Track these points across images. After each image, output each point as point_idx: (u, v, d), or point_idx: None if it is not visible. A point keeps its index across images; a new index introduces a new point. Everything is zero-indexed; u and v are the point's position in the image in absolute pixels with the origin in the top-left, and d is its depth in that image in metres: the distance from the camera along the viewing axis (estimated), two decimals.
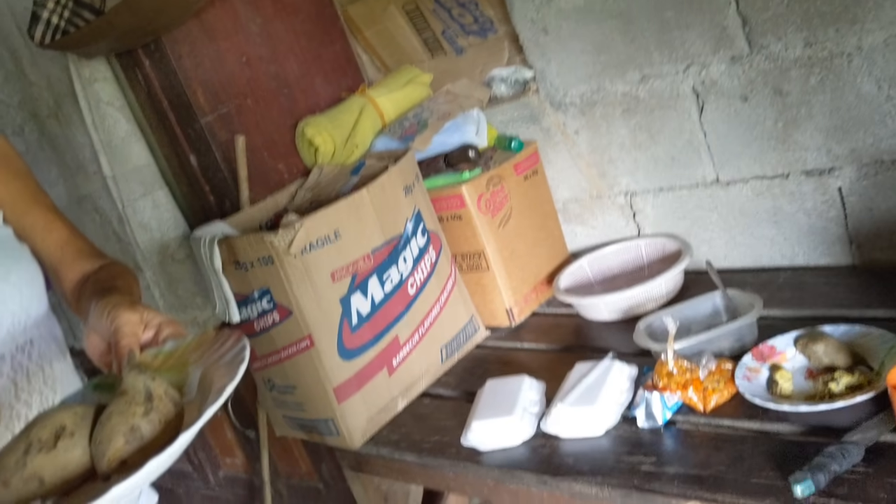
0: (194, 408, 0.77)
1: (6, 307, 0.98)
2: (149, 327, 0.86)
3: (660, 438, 1.42)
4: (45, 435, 0.76)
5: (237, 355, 0.78)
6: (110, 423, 0.75)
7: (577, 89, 1.94)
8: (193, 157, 1.93)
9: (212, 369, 0.81)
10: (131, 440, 0.74)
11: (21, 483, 0.74)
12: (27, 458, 0.75)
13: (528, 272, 2.04)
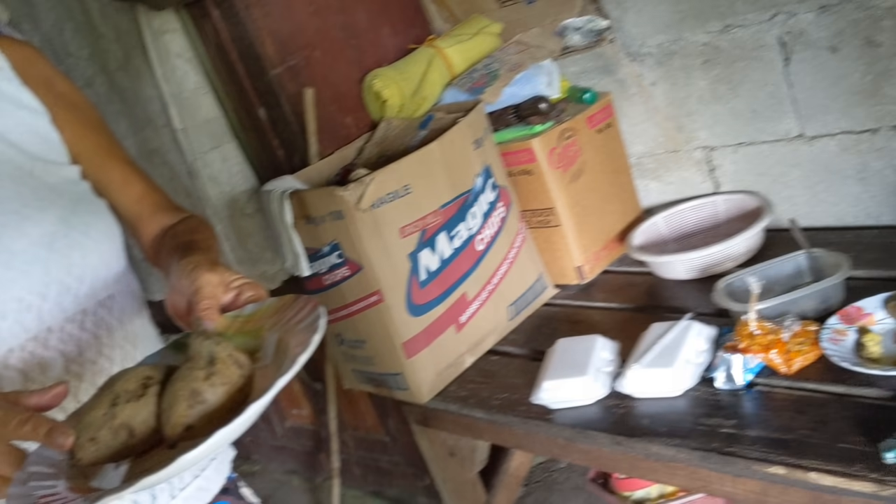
0: (268, 374, 0.76)
1: (87, 262, 0.98)
2: (229, 289, 0.84)
3: (740, 401, 1.37)
4: (132, 385, 0.76)
5: (312, 323, 0.76)
6: (173, 388, 0.74)
7: (655, 39, 1.86)
8: (262, 111, 1.91)
9: (287, 336, 0.79)
10: (194, 405, 0.72)
11: (110, 435, 0.73)
12: (115, 410, 0.74)
13: (599, 229, 1.99)
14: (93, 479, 0.73)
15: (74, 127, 1.06)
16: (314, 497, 2.67)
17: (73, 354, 0.96)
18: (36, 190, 0.97)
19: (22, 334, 0.92)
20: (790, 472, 1.20)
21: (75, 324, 0.97)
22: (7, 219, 0.93)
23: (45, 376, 0.94)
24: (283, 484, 2.82)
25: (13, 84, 1.03)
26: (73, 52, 2.22)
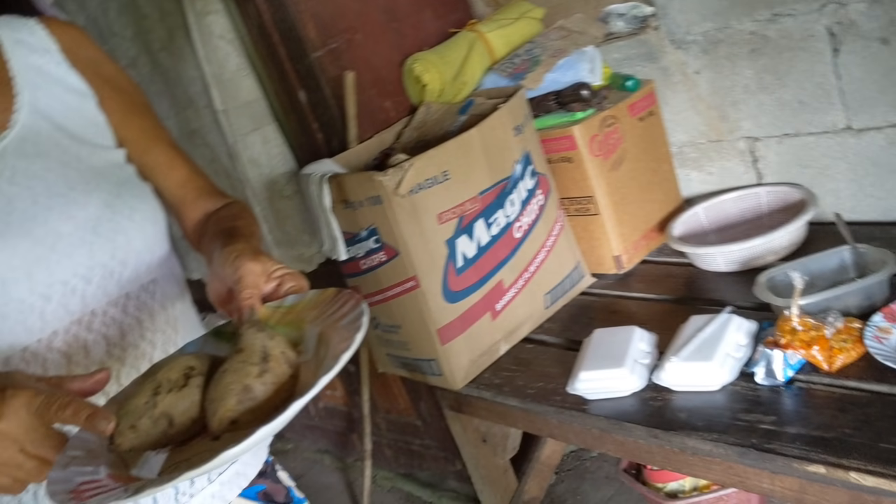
0: (309, 369, 0.75)
1: (131, 246, 0.99)
2: (271, 279, 0.84)
3: (780, 397, 1.36)
4: (174, 375, 0.77)
5: (356, 320, 0.76)
6: (224, 381, 0.74)
7: (701, 27, 1.83)
8: (303, 93, 1.91)
9: (329, 330, 0.79)
10: (244, 400, 0.72)
11: (150, 424, 0.74)
12: (156, 399, 0.75)
13: (638, 218, 1.97)
14: (133, 467, 0.74)
15: (121, 110, 1.07)
16: (345, 476, 2.69)
17: (115, 338, 0.98)
18: (82, 173, 0.98)
19: (66, 317, 0.93)
20: (830, 471, 1.18)
21: (118, 307, 0.98)
22: (54, 202, 0.94)
23: (88, 359, 0.95)
24: (315, 463, 2.84)
25: (61, 67, 1.04)
26: (117, 31, 2.24)
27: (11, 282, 0.89)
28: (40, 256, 0.91)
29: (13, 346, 0.90)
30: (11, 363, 0.91)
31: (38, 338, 0.92)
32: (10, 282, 0.89)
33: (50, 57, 1.04)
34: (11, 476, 0.70)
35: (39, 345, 0.92)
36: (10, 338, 0.90)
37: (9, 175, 0.93)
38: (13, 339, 0.90)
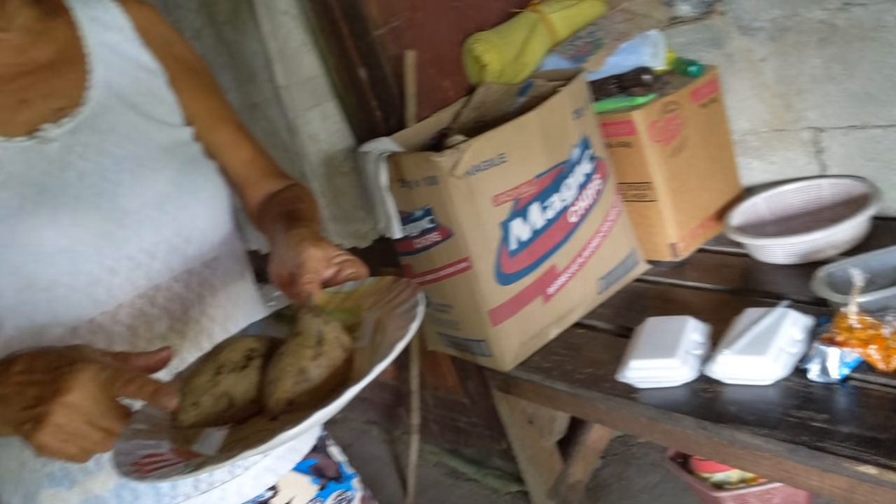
0: (365, 355, 0.77)
1: (195, 224, 1.01)
2: (331, 265, 0.86)
3: (833, 395, 1.34)
4: (236, 357, 0.79)
5: (411, 310, 0.78)
6: (281, 364, 0.76)
7: (769, 13, 1.79)
8: (363, 71, 1.92)
9: (385, 318, 0.81)
10: (300, 381, 0.75)
11: (212, 402, 0.77)
12: (218, 378, 0.78)
13: (696, 206, 1.94)
14: (194, 443, 0.77)
15: (190, 89, 1.09)
16: (391, 448, 2.73)
17: (177, 313, 1.00)
18: (151, 151, 1.01)
19: (131, 291, 0.96)
20: (882, 472, 1.17)
21: (181, 283, 1.00)
22: (122, 178, 0.97)
23: (150, 332, 0.98)
24: (362, 433, 2.89)
25: (134, 45, 1.06)
26: (182, 3, 2.28)
27: (81, 255, 0.92)
28: (108, 231, 0.94)
29: (81, 316, 0.94)
30: (78, 333, 0.94)
31: (104, 310, 0.95)
32: (80, 255, 0.92)
33: (123, 35, 1.06)
34: (79, 446, 0.73)
35: (105, 317, 0.95)
36: (79, 309, 0.93)
37: (80, 150, 0.96)
38: (81, 310, 0.94)
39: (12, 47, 0.98)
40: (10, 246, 0.89)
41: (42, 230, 0.90)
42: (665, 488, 2.08)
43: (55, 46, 1.02)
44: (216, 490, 1.04)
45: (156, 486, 1.00)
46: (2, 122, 0.94)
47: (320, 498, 1.16)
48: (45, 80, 0.99)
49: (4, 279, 0.90)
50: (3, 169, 0.92)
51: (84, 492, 0.99)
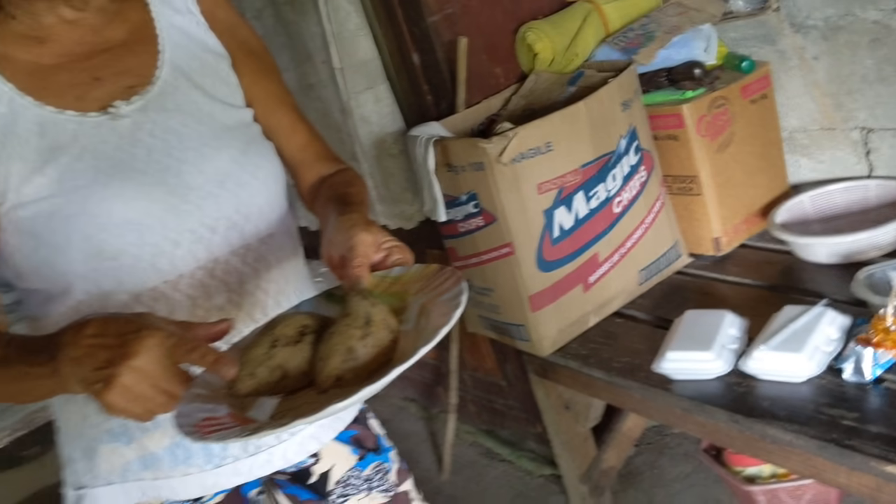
0: (409, 338, 0.82)
1: (253, 201, 1.06)
2: (380, 249, 0.91)
3: (866, 395, 1.35)
4: (290, 332, 0.85)
5: (455, 297, 0.82)
6: (331, 342, 0.81)
7: (823, 12, 1.78)
8: (416, 56, 1.96)
9: (430, 304, 0.85)
10: (347, 360, 0.80)
11: (267, 373, 0.83)
12: (273, 351, 0.83)
13: (741, 201, 1.95)
14: (248, 410, 0.82)
15: (252, 73, 1.14)
16: (428, 426, 2.79)
17: (234, 285, 1.06)
18: (214, 130, 1.06)
19: (192, 263, 1.02)
20: None
21: (239, 257, 1.06)
22: (187, 155, 1.02)
23: (209, 302, 1.03)
24: (401, 409, 2.95)
25: (201, 28, 1.11)
26: None
27: (147, 227, 0.98)
28: (173, 205, 0.99)
29: (145, 284, 1.00)
30: (141, 300, 1.00)
31: (167, 279, 1.01)
32: (146, 227, 0.98)
33: (191, 18, 1.11)
34: (144, 407, 0.79)
35: (167, 286, 1.01)
36: (143, 277, 0.99)
37: (149, 128, 1.01)
38: (145, 278, 0.99)
39: (88, 26, 1.03)
40: (82, 216, 0.95)
41: (112, 202, 0.96)
42: (697, 479, 2.10)
43: (128, 27, 1.07)
44: (263, 454, 1.10)
45: (207, 448, 1.06)
46: (76, 98, 1.00)
47: (359, 467, 1.22)
48: (118, 58, 1.04)
49: (76, 247, 0.96)
50: (78, 142, 0.98)
51: (140, 448, 1.06)
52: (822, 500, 1.83)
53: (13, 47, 1.00)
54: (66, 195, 0.95)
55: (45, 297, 1.02)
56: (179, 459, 1.06)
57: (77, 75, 1.01)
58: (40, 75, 1.00)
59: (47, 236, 0.95)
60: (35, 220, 0.95)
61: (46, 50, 1.01)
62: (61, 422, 1.11)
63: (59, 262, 0.97)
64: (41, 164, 0.96)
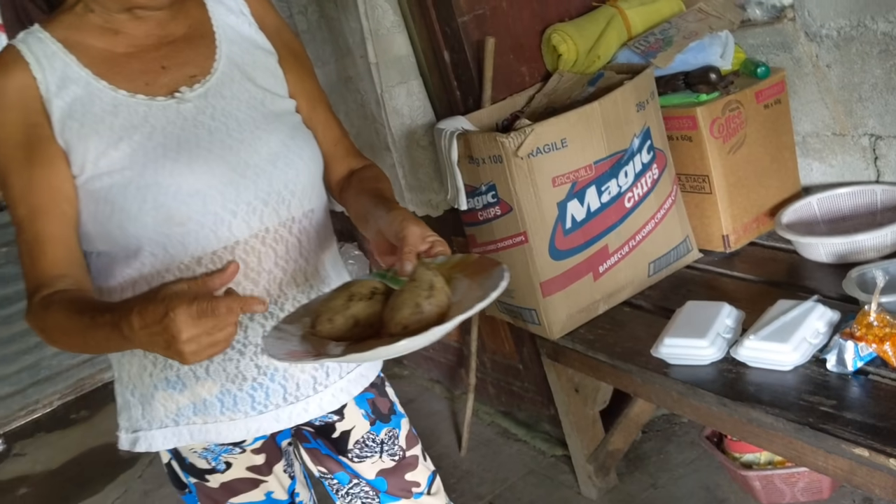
0: (458, 308, 0.97)
1: (299, 179, 1.21)
2: (426, 241, 1.05)
3: (846, 385, 1.45)
4: (364, 290, 1.03)
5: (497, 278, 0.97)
6: (401, 298, 0.98)
7: (836, 22, 1.87)
8: (447, 54, 2.09)
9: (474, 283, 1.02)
10: (415, 312, 0.96)
11: (343, 320, 1.00)
12: (350, 304, 1.01)
13: (752, 201, 2.04)
14: (323, 349, 1.01)
15: (295, 71, 1.29)
16: (451, 406, 2.91)
17: (281, 252, 1.20)
18: (265, 116, 1.21)
19: (247, 231, 1.16)
20: (873, 455, 1.29)
21: (286, 228, 1.20)
22: (244, 136, 1.17)
23: (259, 266, 1.18)
24: (426, 390, 3.08)
25: (252, 28, 1.27)
26: None
27: (210, 198, 1.12)
28: (232, 180, 1.14)
29: (205, 249, 1.14)
30: (202, 262, 1.14)
31: (225, 245, 1.15)
32: (209, 197, 1.12)
33: (243, 18, 1.27)
34: (217, 347, 0.92)
35: (225, 251, 1.15)
36: (204, 243, 1.14)
37: (210, 112, 1.17)
38: (206, 244, 1.14)
39: (155, 21, 1.18)
40: (154, 186, 1.10)
41: (181, 175, 1.11)
42: (700, 465, 2.20)
43: (189, 22, 1.22)
44: (301, 402, 1.24)
45: (252, 396, 1.21)
46: (146, 84, 1.15)
47: (374, 431, 1.36)
48: (181, 50, 1.20)
49: (149, 213, 1.10)
50: (149, 122, 1.13)
51: (193, 395, 1.20)
52: (815, 488, 1.92)
53: (89, 36, 1.15)
54: (139, 168, 1.10)
55: (110, 259, 1.17)
56: (227, 406, 1.21)
57: (146, 64, 1.17)
58: (113, 62, 1.15)
59: (122, 203, 1.10)
60: (110, 190, 1.10)
61: (119, 40, 1.16)
62: (120, 373, 1.27)
63: (132, 227, 1.11)
64: (116, 141, 1.11)
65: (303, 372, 1.23)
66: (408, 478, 1.38)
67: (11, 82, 1.11)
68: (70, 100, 1.12)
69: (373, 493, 1.37)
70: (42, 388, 4.10)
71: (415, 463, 1.40)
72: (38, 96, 1.11)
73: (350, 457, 1.35)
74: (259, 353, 1.19)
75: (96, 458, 3.48)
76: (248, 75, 1.22)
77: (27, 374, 4.05)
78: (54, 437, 3.83)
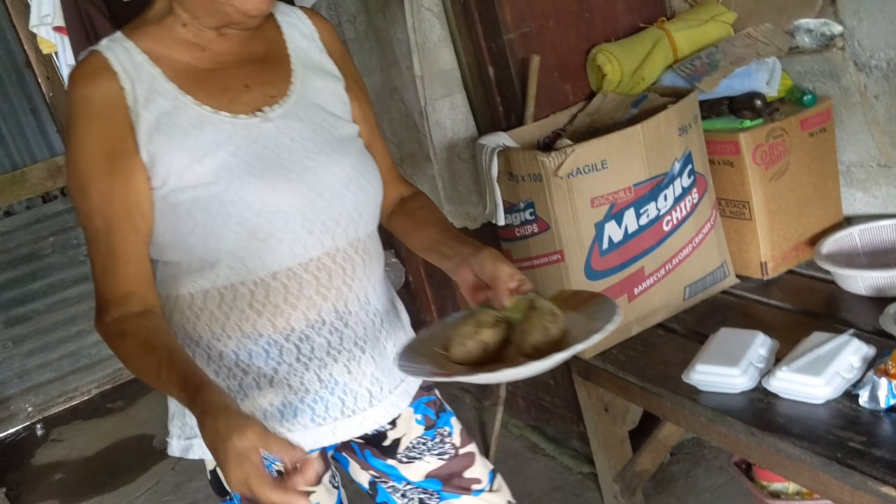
0: (574, 334, 1.10)
1: (367, 202, 1.24)
2: (514, 279, 1.15)
3: (877, 422, 1.43)
4: (490, 319, 1.13)
5: (609, 313, 1.10)
6: (531, 322, 1.09)
7: (886, 53, 1.85)
8: (492, 69, 2.11)
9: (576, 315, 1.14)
10: (544, 335, 1.08)
11: (474, 345, 1.11)
12: (479, 330, 1.12)
13: (792, 229, 2.02)
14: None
15: (358, 98, 1.33)
16: (480, 416, 2.93)
17: (349, 270, 1.23)
18: (337, 139, 1.24)
19: (320, 249, 1.19)
20: None
21: (353, 248, 1.24)
22: (321, 158, 1.20)
23: (329, 282, 1.21)
24: (457, 398, 3.10)
25: (322, 54, 1.30)
26: None
27: (290, 216, 1.16)
28: (311, 200, 1.17)
29: (281, 264, 1.17)
30: (277, 277, 1.17)
31: (300, 261, 1.18)
32: (290, 216, 1.16)
33: (314, 44, 1.30)
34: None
35: (299, 267, 1.19)
36: (281, 259, 1.17)
37: (289, 133, 1.20)
38: (283, 259, 1.17)
39: (239, 39, 1.22)
40: (239, 202, 1.13)
41: (265, 192, 1.14)
42: (728, 491, 2.19)
43: (266, 44, 1.26)
44: (357, 416, 1.28)
45: (313, 408, 1.24)
46: (229, 101, 1.18)
47: (427, 435, 1.38)
48: (261, 70, 1.23)
49: (232, 229, 1.13)
50: (233, 139, 1.15)
51: (253, 405, 1.23)
52: None
53: (175, 50, 1.18)
54: (225, 183, 1.13)
55: (180, 269, 1.20)
56: (287, 417, 1.24)
57: (229, 81, 1.20)
58: (197, 78, 1.18)
59: (205, 218, 1.13)
60: (193, 203, 1.13)
61: (204, 56, 1.20)
62: None
63: (213, 240, 1.14)
64: (201, 156, 1.13)
65: (360, 386, 1.27)
66: (466, 475, 1.41)
67: (99, 91, 1.13)
68: (158, 113, 1.14)
69: (429, 493, 1.39)
70: (81, 375, 4.20)
71: (472, 460, 1.43)
72: (125, 107, 1.13)
73: (399, 458, 1.38)
74: (323, 367, 1.23)
75: (130, 448, 3.56)
76: (319, 100, 1.26)
77: (67, 361, 4.16)
78: (90, 426, 3.92)
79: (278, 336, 1.21)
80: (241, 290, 1.18)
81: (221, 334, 1.22)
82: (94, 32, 2.36)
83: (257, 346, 1.21)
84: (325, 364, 1.23)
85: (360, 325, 1.26)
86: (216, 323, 1.21)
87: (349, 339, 1.25)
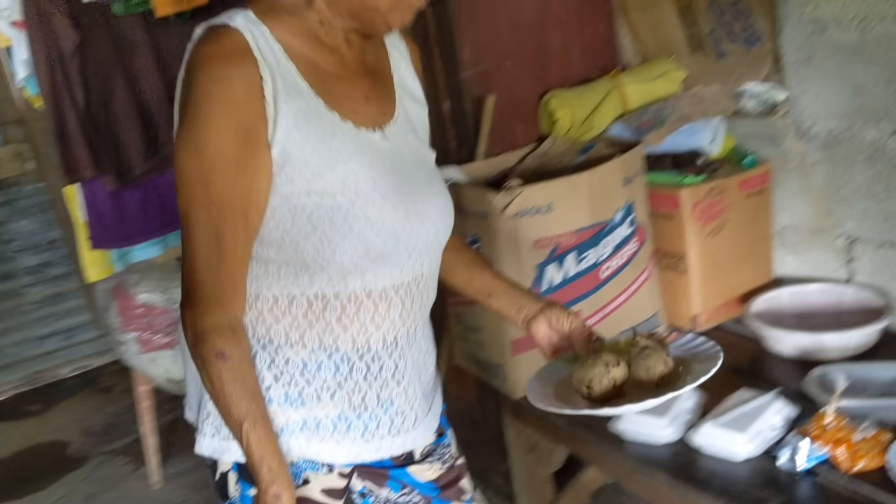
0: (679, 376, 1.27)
1: (447, 232, 1.26)
2: (587, 330, 1.32)
3: (794, 483, 1.47)
4: (613, 360, 1.24)
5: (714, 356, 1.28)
6: (651, 359, 1.24)
7: (826, 124, 1.93)
8: (447, 104, 2.13)
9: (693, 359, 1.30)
10: (665, 368, 1.24)
11: (608, 382, 1.23)
12: (608, 369, 1.23)
13: (724, 285, 2.08)
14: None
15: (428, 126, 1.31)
16: None
17: (426, 297, 1.24)
18: (430, 167, 1.26)
19: (411, 273, 1.19)
20: None
21: (431, 276, 1.25)
22: (423, 184, 1.20)
23: (412, 306, 1.21)
24: None
25: (414, 79, 1.29)
26: None
27: (400, 238, 1.14)
28: (416, 226, 1.16)
29: (378, 285, 1.16)
30: (371, 296, 1.16)
31: (395, 284, 1.17)
32: (400, 238, 1.14)
33: (407, 67, 1.28)
34: None
35: (392, 290, 1.18)
36: (381, 279, 1.16)
37: (402, 154, 1.18)
38: (382, 280, 1.16)
39: (359, 47, 1.18)
40: (362, 219, 1.11)
41: (386, 212, 1.13)
42: None
43: (377, 59, 1.23)
44: (400, 436, 1.26)
45: (366, 425, 1.22)
46: (353, 110, 1.14)
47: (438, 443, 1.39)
48: (376, 84, 1.20)
49: (351, 243, 1.11)
50: (361, 153, 1.12)
51: (308, 413, 1.19)
52: None
53: (307, 47, 1.12)
54: (352, 196, 1.10)
55: (272, 271, 1.15)
56: (339, 430, 1.21)
57: (352, 90, 1.16)
58: (324, 80, 1.13)
59: (326, 227, 1.10)
60: (316, 210, 1.09)
61: (331, 59, 1.14)
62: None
63: (328, 250, 1.11)
64: (332, 164, 1.10)
65: (411, 409, 1.26)
66: (460, 485, 1.42)
67: (240, 74, 1.05)
68: (296, 109, 1.08)
69: (424, 501, 1.38)
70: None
71: (464, 471, 1.45)
72: (262, 97, 1.06)
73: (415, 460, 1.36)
74: (384, 387, 1.22)
75: (44, 454, 3.44)
76: (413, 125, 1.24)
77: None
78: (4, 428, 3.77)
79: (354, 353, 1.18)
80: (334, 302, 1.15)
81: (297, 342, 1.17)
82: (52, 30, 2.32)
83: (331, 359, 1.18)
84: (387, 385, 1.22)
85: (419, 351, 1.27)
86: (296, 330, 1.17)
87: (411, 362, 1.25)
